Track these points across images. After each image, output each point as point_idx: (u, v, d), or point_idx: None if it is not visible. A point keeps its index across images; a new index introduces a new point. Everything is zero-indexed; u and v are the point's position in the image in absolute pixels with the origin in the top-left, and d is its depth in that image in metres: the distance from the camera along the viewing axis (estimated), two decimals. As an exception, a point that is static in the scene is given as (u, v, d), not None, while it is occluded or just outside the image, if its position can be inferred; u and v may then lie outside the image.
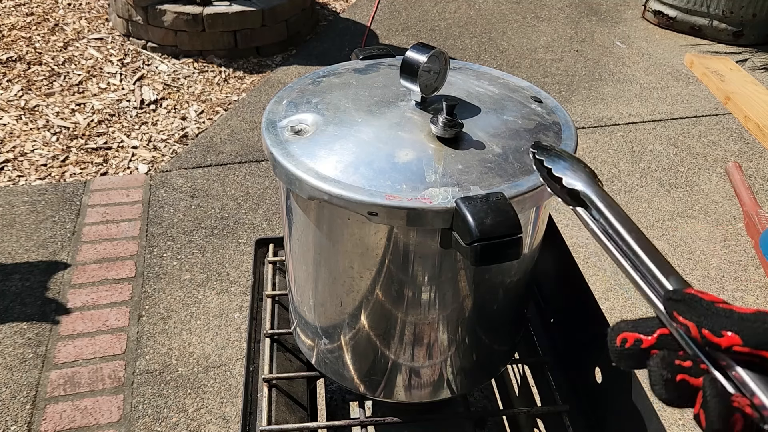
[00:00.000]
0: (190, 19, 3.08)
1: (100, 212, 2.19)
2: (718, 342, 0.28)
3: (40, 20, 3.41)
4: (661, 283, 0.33)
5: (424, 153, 0.59)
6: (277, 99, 0.70)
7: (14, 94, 2.80)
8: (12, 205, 2.19)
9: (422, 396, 0.73)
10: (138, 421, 1.52)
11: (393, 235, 0.59)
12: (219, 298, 1.87)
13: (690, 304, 0.30)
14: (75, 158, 2.47)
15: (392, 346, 0.67)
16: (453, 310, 0.65)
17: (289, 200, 0.66)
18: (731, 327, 0.28)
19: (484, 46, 3.52)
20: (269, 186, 2.34)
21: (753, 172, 2.56)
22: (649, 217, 2.31)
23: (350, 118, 0.64)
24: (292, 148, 0.61)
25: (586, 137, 2.77)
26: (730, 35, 3.65)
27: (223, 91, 2.98)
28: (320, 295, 0.69)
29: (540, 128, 0.65)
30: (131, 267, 1.97)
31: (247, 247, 2.05)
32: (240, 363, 1.67)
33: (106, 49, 3.21)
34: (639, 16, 4.00)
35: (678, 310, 0.30)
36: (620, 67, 3.37)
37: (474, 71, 0.77)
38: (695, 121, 2.92)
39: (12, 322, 1.75)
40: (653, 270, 0.34)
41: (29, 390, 1.58)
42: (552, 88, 3.11)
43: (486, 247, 0.51)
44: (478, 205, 0.52)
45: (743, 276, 2.06)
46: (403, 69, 0.63)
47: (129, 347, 1.71)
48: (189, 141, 2.62)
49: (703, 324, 0.28)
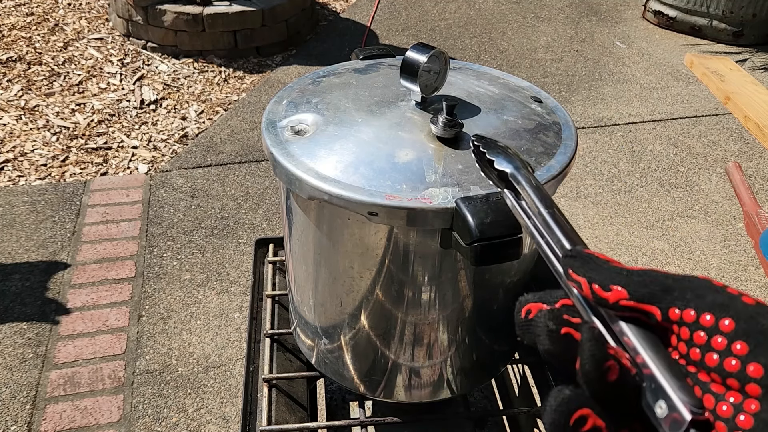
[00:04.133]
0: (190, 19, 3.08)
1: (100, 212, 2.19)
2: (606, 297, 0.28)
3: (40, 20, 3.41)
4: (564, 248, 0.34)
5: (424, 153, 0.59)
6: (277, 99, 0.70)
7: (14, 94, 2.80)
8: (12, 205, 2.19)
9: (422, 396, 0.73)
10: (138, 421, 1.52)
11: (393, 235, 0.59)
12: (219, 298, 1.87)
13: (584, 261, 0.29)
14: (75, 158, 2.47)
15: (392, 346, 0.67)
16: (453, 310, 0.65)
17: (289, 200, 0.66)
18: (620, 281, 0.27)
19: (484, 46, 3.52)
20: (269, 186, 2.34)
21: (753, 172, 2.56)
22: (649, 217, 2.31)
23: (350, 118, 0.64)
24: (292, 148, 0.61)
25: (586, 137, 2.77)
26: (730, 35, 3.65)
27: (223, 91, 2.98)
28: (320, 295, 0.69)
29: (540, 128, 0.65)
30: (131, 267, 1.97)
31: (247, 247, 2.05)
32: (240, 363, 1.67)
33: (106, 49, 3.21)
34: (639, 16, 4.00)
35: (572, 266, 0.30)
36: (620, 67, 3.37)
37: (474, 71, 0.77)
38: (695, 121, 2.92)
39: (12, 322, 1.75)
40: (559, 237, 0.35)
41: (29, 390, 1.58)
42: (552, 88, 3.11)
43: (486, 247, 0.51)
44: (478, 205, 0.52)
45: (743, 276, 2.06)
46: (403, 69, 0.63)
47: (129, 347, 1.71)
48: (189, 141, 2.62)
49: (593, 279, 0.28)
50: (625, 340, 0.27)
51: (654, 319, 0.27)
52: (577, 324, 0.29)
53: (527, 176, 0.42)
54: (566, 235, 0.35)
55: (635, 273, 0.28)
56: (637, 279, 0.27)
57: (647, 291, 0.27)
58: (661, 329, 0.27)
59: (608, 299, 0.28)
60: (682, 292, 0.26)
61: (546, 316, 0.29)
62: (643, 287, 0.27)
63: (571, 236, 0.35)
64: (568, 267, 0.30)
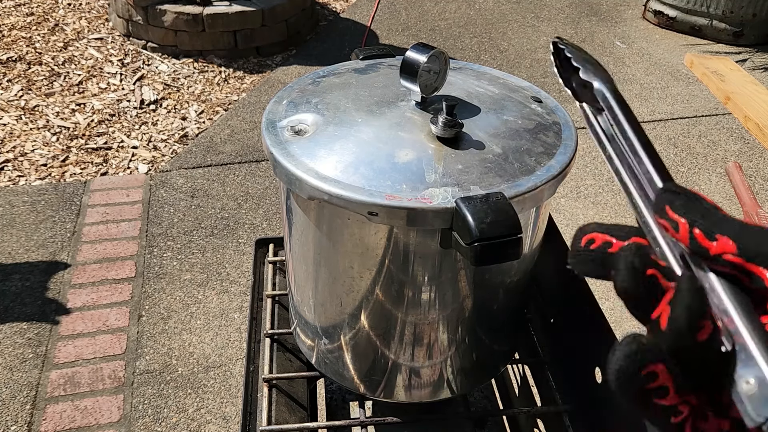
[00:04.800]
0: (190, 19, 3.08)
1: (100, 212, 2.19)
2: (707, 246, 0.24)
3: (40, 20, 3.41)
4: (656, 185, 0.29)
5: (424, 153, 0.59)
6: (277, 99, 0.70)
7: (14, 94, 2.80)
8: (12, 205, 2.19)
9: (422, 396, 0.73)
10: (138, 421, 1.52)
11: (393, 235, 0.59)
12: (219, 298, 1.87)
13: (689, 201, 0.25)
14: (75, 158, 2.47)
15: (392, 346, 0.67)
16: (453, 310, 0.65)
17: (289, 200, 0.66)
18: (728, 232, 0.24)
19: (484, 46, 3.52)
20: (269, 186, 2.34)
21: (753, 172, 2.56)
22: (649, 217, 2.31)
23: (350, 118, 0.64)
24: (292, 148, 0.61)
25: (586, 137, 2.77)
26: (730, 35, 3.65)
27: (223, 91, 2.98)
28: (320, 295, 0.69)
29: (540, 128, 0.65)
30: (131, 267, 1.97)
31: (247, 247, 2.05)
32: (240, 363, 1.67)
33: (106, 49, 3.21)
34: (639, 16, 4.00)
35: (673, 204, 0.26)
36: (620, 67, 3.37)
37: (474, 71, 0.77)
38: (695, 121, 2.92)
39: (12, 322, 1.75)
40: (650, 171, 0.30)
41: (29, 390, 1.58)
42: (552, 88, 3.11)
43: (486, 247, 0.51)
44: (478, 205, 0.52)
45: (743, 276, 2.06)
46: (403, 69, 0.63)
47: (129, 347, 1.71)
48: (189, 141, 2.62)
49: (696, 222, 0.24)
50: (713, 297, 0.24)
51: (760, 283, 0.23)
52: (664, 268, 0.25)
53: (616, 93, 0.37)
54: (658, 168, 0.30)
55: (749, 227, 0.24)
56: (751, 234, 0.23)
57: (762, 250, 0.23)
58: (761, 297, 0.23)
59: (710, 249, 0.24)
60: None
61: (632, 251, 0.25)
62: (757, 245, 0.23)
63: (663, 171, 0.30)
64: (666, 203, 0.26)
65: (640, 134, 0.33)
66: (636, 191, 0.30)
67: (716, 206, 0.25)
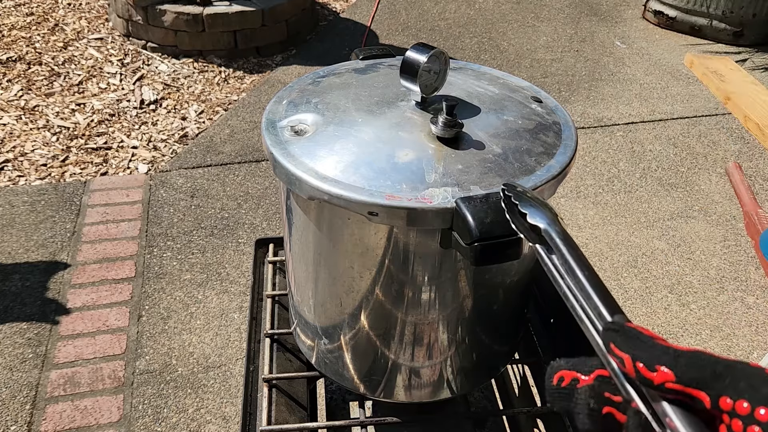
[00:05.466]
0: (190, 19, 3.08)
1: (100, 212, 2.19)
2: (651, 377, 0.26)
3: (40, 20, 3.41)
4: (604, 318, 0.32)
5: (424, 153, 0.59)
6: (277, 99, 0.70)
7: (14, 94, 2.80)
8: (12, 205, 2.19)
9: (422, 396, 0.73)
10: (138, 421, 1.52)
11: (393, 235, 0.59)
12: (219, 298, 1.87)
13: (628, 336, 0.28)
14: (75, 158, 2.47)
15: (392, 346, 0.67)
16: (453, 310, 0.65)
17: (289, 200, 0.66)
18: (666, 362, 0.26)
19: (484, 46, 3.52)
20: (269, 186, 2.34)
21: (753, 172, 2.56)
22: (649, 217, 2.31)
23: (350, 118, 0.64)
24: (292, 148, 0.61)
25: (586, 137, 2.77)
26: (730, 35, 3.65)
27: (223, 91, 2.98)
28: (320, 295, 0.69)
29: (540, 128, 0.65)
30: (131, 267, 1.97)
31: (247, 247, 2.05)
32: (240, 363, 1.67)
33: (106, 49, 3.21)
34: (639, 16, 4.00)
35: (615, 341, 0.28)
36: (620, 67, 3.37)
37: (474, 71, 0.77)
38: (695, 121, 2.92)
39: (12, 322, 1.75)
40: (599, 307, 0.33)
41: (29, 390, 1.58)
42: (552, 88, 3.11)
43: (486, 247, 0.51)
44: (478, 205, 0.52)
45: (743, 276, 2.06)
46: (403, 69, 0.63)
47: (129, 347, 1.71)
48: (189, 141, 2.62)
49: (638, 357, 0.27)
50: (669, 422, 0.26)
51: (701, 405, 0.25)
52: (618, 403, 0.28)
53: (562, 232, 0.41)
54: (605, 303, 0.33)
55: (683, 354, 0.26)
56: (685, 361, 0.26)
57: (696, 375, 0.25)
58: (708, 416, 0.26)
59: (653, 380, 0.26)
60: (734, 380, 0.25)
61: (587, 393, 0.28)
62: (692, 371, 0.26)
63: (610, 304, 0.33)
64: (610, 341, 0.29)
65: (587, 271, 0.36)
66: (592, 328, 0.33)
67: (655, 337, 0.28)
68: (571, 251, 0.39)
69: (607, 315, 0.32)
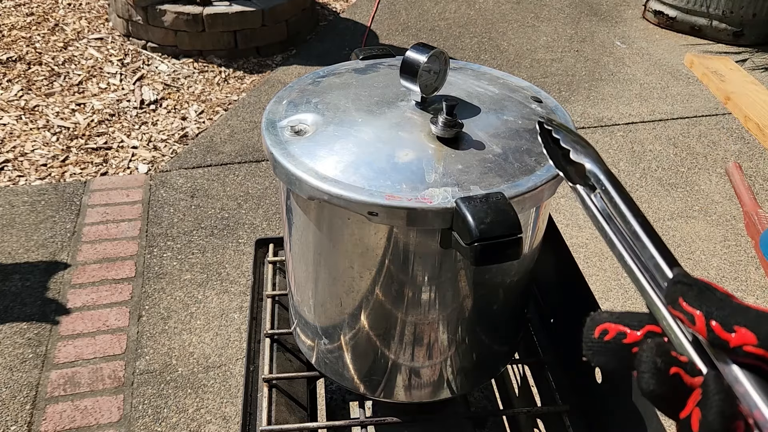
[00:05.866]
0: (190, 19, 3.08)
1: (100, 212, 2.19)
2: (727, 338, 0.24)
3: (40, 20, 3.41)
4: (663, 272, 0.29)
5: (424, 153, 0.59)
6: (277, 99, 0.70)
7: (14, 94, 2.80)
8: (12, 205, 2.19)
9: (422, 396, 0.73)
10: (138, 421, 1.52)
11: (393, 235, 0.59)
12: (219, 298, 1.87)
13: (702, 292, 0.25)
14: (75, 158, 2.47)
15: (392, 346, 0.67)
16: (453, 310, 0.65)
17: (289, 200, 0.66)
18: (746, 323, 0.23)
19: (484, 46, 3.52)
20: (269, 186, 2.34)
21: (753, 172, 2.56)
22: (649, 217, 2.28)
23: (350, 118, 0.64)
24: (292, 148, 0.61)
25: (586, 137, 2.76)
26: (730, 35, 3.65)
27: (223, 91, 2.98)
28: (320, 295, 0.69)
29: (540, 128, 0.65)
30: (131, 267, 1.97)
31: (247, 247, 2.05)
32: (240, 363, 1.67)
33: (106, 49, 3.21)
34: (639, 16, 4.00)
35: (686, 296, 0.25)
36: (620, 67, 3.37)
37: (474, 71, 0.77)
38: (695, 121, 2.92)
39: (12, 322, 1.75)
40: (656, 258, 0.30)
41: (29, 390, 1.58)
42: (552, 88, 3.11)
43: (486, 247, 0.51)
44: (478, 205, 0.52)
45: (743, 276, 2.06)
46: (403, 69, 0.63)
47: (129, 347, 1.71)
48: (189, 141, 2.62)
49: (712, 314, 0.24)
50: (739, 389, 0.23)
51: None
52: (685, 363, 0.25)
53: (609, 174, 0.37)
54: (662, 253, 0.30)
55: (765, 316, 0.24)
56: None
57: None
58: None
59: (729, 341, 0.24)
60: None
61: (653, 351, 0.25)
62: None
63: (667, 255, 0.30)
64: (679, 295, 0.26)
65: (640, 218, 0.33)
66: (644, 279, 0.30)
67: (730, 295, 0.25)
68: (622, 195, 0.35)
69: (665, 266, 0.29)
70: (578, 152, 0.39)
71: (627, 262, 0.31)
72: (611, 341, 0.27)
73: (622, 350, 0.27)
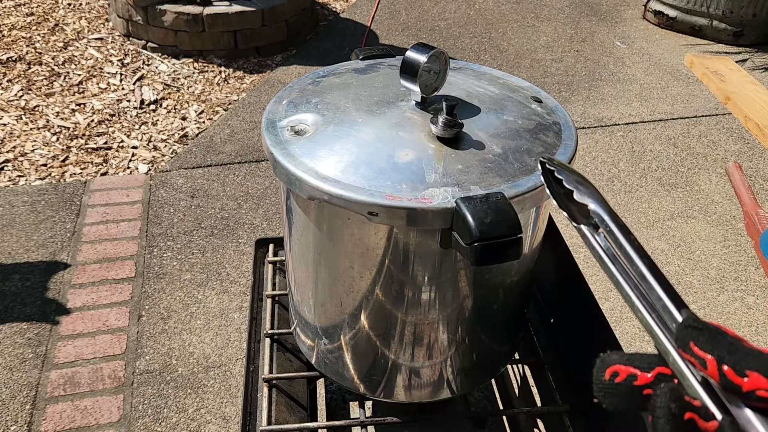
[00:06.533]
0: (190, 19, 3.08)
1: (100, 212, 2.19)
2: (739, 383, 0.24)
3: (40, 20, 3.41)
4: (672, 314, 0.29)
5: (424, 153, 0.59)
6: (277, 99, 0.70)
7: (14, 94, 2.80)
8: (12, 205, 2.19)
9: (422, 396, 0.73)
10: (138, 421, 1.52)
11: (393, 235, 0.59)
12: (219, 298, 1.87)
13: (713, 336, 0.25)
14: (75, 158, 2.47)
15: (392, 346, 0.67)
16: (453, 310, 0.65)
17: (289, 200, 0.66)
18: (758, 367, 0.24)
19: (484, 46, 3.52)
20: (269, 186, 2.34)
21: (753, 172, 2.56)
22: (649, 217, 2.31)
23: (350, 118, 0.64)
24: (292, 148, 0.61)
25: (586, 137, 2.77)
26: (730, 35, 3.65)
27: (223, 91, 2.98)
28: (320, 295, 0.69)
29: (540, 128, 0.65)
30: (131, 267, 1.97)
31: (247, 247, 2.05)
32: (240, 363, 1.67)
33: (106, 49, 3.21)
34: (639, 16, 4.00)
35: (697, 340, 0.26)
36: (620, 67, 3.37)
37: (474, 71, 0.77)
38: (695, 121, 2.92)
39: (12, 322, 1.75)
40: (664, 299, 0.30)
41: (29, 390, 1.58)
42: (552, 88, 3.11)
43: (486, 247, 0.51)
44: (478, 205, 0.52)
45: (743, 276, 2.06)
46: (403, 69, 0.63)
47: (129, 347, 1.71)
48: (189, 141, 2.62)
49: (725, 359, 0.24)
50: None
51: None
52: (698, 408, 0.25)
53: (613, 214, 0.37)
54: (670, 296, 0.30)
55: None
56: None
57: None
58: None
59: (742, 386, 0.24)
60: None
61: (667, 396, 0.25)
62: None
63: (675, 297, 0.30)
64: (690, 339, 0.26)
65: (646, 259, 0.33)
66: (652, 320, 0.30)
67: (740, 339, 0.25)
68: (626, 236, 0.35)
69: (674, 309, 0.30)
70: (581, 192, 0.40)
71: (634, 302, 0.32)
72: (622, 383, 0.28)
73: (633, 392, 0.28)
